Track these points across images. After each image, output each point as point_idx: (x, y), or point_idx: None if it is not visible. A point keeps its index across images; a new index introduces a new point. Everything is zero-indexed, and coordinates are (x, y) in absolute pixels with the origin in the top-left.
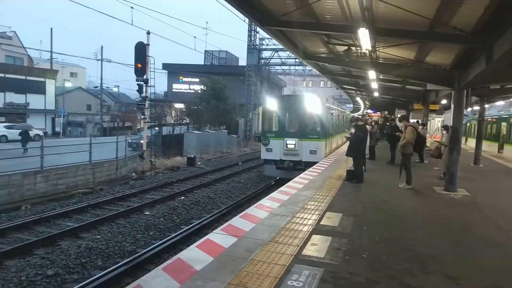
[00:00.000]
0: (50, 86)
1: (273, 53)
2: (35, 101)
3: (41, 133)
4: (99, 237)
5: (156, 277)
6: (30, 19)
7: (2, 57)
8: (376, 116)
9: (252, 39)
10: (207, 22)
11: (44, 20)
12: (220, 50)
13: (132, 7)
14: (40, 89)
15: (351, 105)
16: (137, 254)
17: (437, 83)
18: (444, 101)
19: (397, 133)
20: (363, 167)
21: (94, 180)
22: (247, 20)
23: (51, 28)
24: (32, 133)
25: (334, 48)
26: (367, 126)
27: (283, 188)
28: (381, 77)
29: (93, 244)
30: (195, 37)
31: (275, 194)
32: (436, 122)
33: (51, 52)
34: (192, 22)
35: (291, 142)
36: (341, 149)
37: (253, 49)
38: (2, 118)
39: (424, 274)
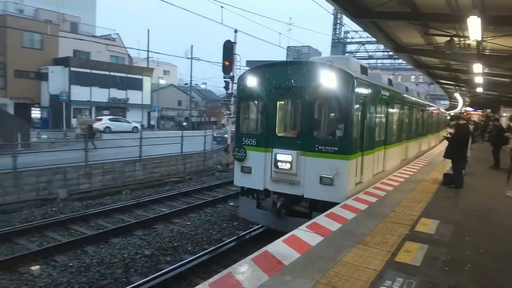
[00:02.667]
0: (147, 83)
1: (360, 46)
2: (134, 96)
3: (139, 126)
4: (189, 223)
5: (246, 267)
6: (129, 21)
7: (107, 57)
8: (476, 114)
9: (337, 32)
10: (290, 18)
11: (140, 21)
12: (303, 46)
13: (222, 7)
14: (138, 85)
15: (446, 102)
16: (223, 242)
17: None
18: None
19: (506, 134)
20: (463, 171)
21: (184, 170)
22: (332, 11)
23: (148, 30)
24: (130, 125)
25: (432, 40)
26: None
27: (369, 189)
28: (486, 71)
29: (184, 229)
30: (279, 33)
31: (361, 195)
32: None
33: (148, 51)
34: (276, 18)
35: (284, 158)
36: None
37: (338, 43)
38: (107, 111)
39: None
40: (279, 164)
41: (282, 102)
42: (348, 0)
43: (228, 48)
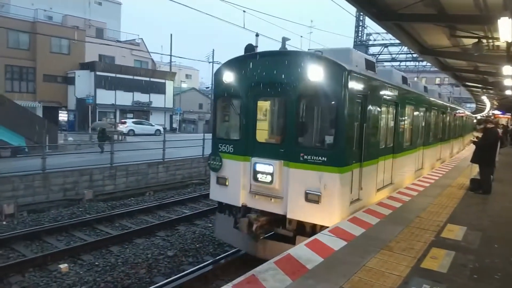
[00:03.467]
0: (169, 86)
1: (382, 48)
2: (157, 100)
3: (161, 128)
4: (210, 225)
5: (269, 269)
6: (153, 26)
7: (131, 62)
8: (504, 118)
9: (359, 34)
10: (311, 21)
11: (164, 26)
12: (324, 48)
13: (244, 11)
14: (161, 89)
15: (473, 105)
16: None
17: None
18: None
19: None
20: (491, 176)
21: (205, 172)
22: (354, 13)
23: (171, 34)
24: (153, 128)
25: (459, 41)
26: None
27: (394, 194)
28: None
29: (206, 231)
30: (301, 36)
31: (386, 201)
32: None
33: (171, 56)
34: (297, 21)
35: (264, 169)
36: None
37: (360, 45)
38: (131, 114)
39: None
40: (259, 176)
41: (264, 102)
42: (371, 2)
43: (250, 52)
